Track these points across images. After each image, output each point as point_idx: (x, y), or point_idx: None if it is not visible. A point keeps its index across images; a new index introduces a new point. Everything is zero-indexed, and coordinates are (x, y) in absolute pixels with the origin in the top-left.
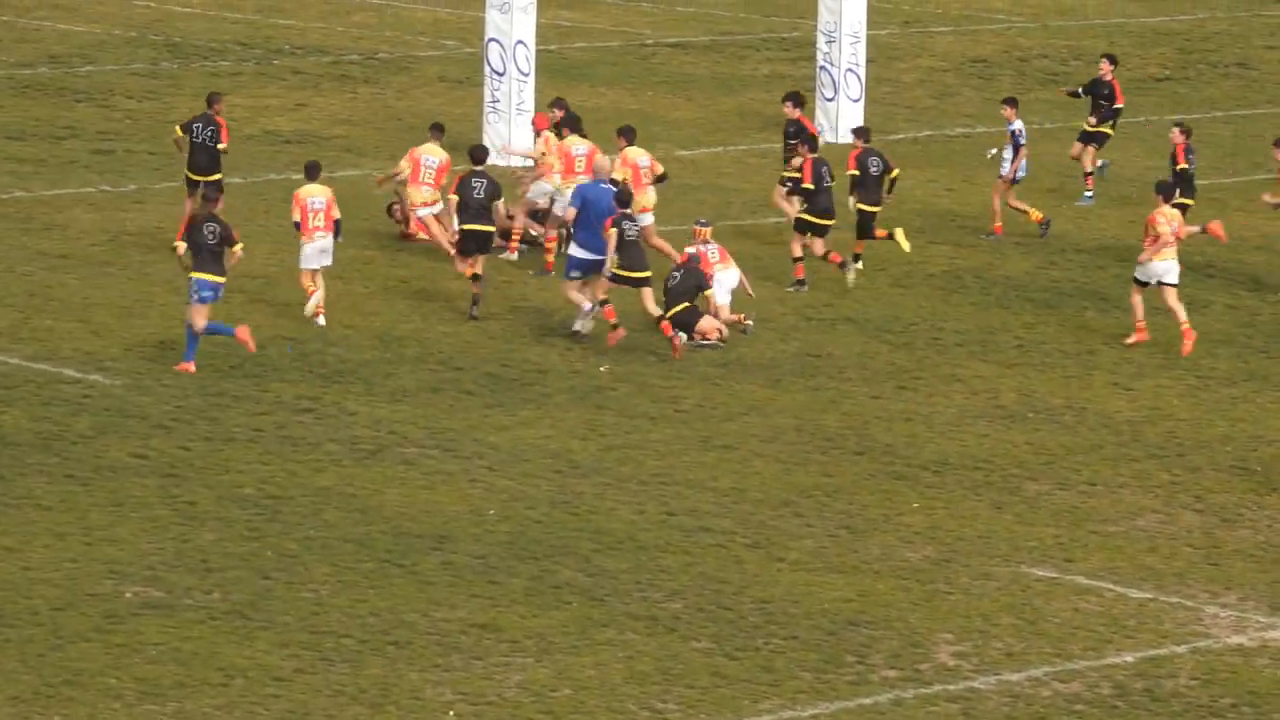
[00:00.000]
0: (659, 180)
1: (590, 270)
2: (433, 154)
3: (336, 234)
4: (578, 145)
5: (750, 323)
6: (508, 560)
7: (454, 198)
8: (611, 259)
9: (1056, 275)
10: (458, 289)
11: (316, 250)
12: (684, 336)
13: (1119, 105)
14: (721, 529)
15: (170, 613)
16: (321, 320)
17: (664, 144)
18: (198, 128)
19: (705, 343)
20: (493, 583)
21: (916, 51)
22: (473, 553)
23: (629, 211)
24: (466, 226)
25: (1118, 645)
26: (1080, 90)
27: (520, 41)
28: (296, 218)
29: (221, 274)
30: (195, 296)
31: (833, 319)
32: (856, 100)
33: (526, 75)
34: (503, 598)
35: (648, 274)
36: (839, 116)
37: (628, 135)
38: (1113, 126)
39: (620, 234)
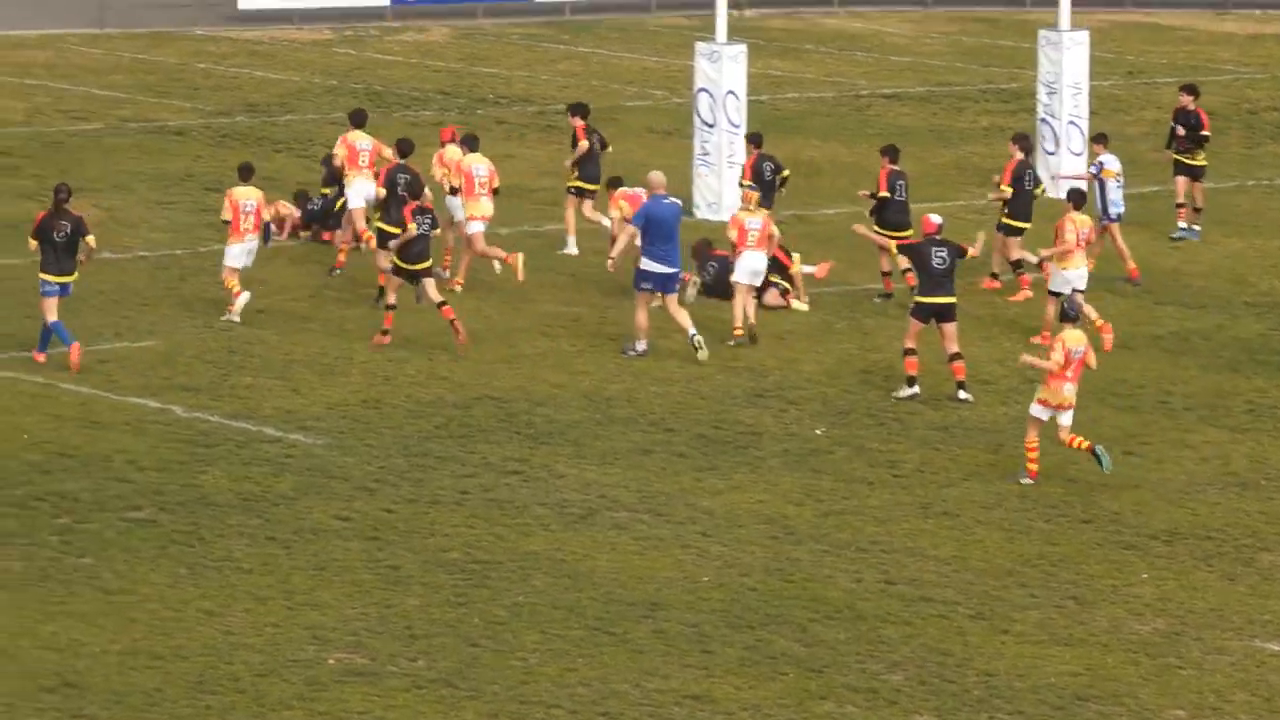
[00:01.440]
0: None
1: (664, 284)
2: (480, 163)
3: (265, 238)
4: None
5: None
6: (721, 629)
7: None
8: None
9: None
10: (667, 347)
11: (244, 250)
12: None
13: (1205, 133)
14: (943, 599)
15: (375, 680)
16: (237, 318)
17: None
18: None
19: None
20: (706, 652)
21: (1141, 103)
22: (686, 621)
23: (423, 204)
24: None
25: None
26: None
27: (731, 92)
28: (227, 216)
29: (68, 273)
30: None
31: None
32: (1079, 154)
33: (738, 127)
34: (717, 668)
35: (429, 264)
36: (1061, 170)
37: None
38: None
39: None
